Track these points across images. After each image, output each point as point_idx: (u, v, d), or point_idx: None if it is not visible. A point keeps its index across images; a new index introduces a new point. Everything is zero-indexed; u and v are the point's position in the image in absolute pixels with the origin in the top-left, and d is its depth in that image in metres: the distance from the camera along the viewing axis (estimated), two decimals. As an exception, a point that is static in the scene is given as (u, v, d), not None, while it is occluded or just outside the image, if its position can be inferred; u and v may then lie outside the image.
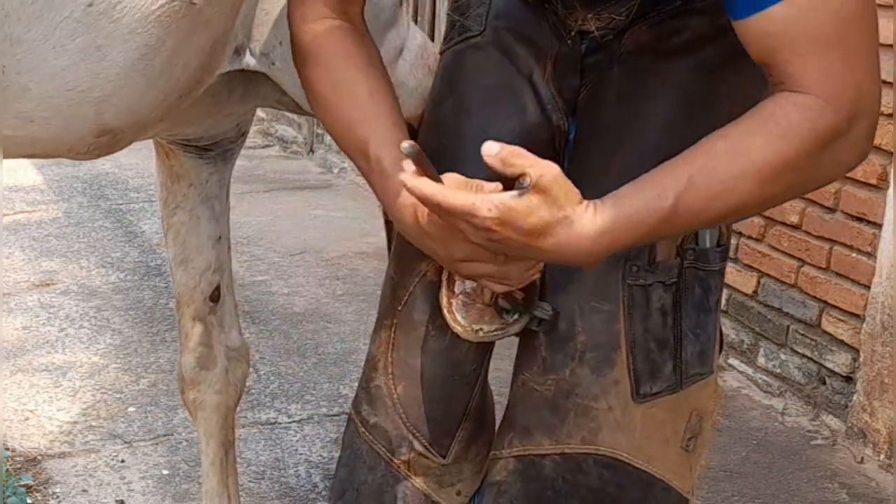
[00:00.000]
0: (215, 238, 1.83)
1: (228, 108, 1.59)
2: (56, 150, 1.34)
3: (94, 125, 1.27)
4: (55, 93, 1.21)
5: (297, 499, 2.53)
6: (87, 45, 1.19)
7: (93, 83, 1.22)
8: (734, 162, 1.10)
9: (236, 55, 1.43)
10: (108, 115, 1.27)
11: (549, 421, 1.32)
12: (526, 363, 1.36)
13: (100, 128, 1.28)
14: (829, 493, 2.65)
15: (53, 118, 1.24)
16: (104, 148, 1.35)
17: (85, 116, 1.25)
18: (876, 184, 2.74)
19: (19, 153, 1.32)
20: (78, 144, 1.31)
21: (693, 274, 1.34)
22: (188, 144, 1.76)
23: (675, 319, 1.33)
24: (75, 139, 1.29)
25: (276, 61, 1.45)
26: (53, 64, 1.18)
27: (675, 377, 1.33)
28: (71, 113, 1.24)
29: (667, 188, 1.11)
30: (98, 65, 1.21)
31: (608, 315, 1.31)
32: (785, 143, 1.09)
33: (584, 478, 1.31)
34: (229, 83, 1.49)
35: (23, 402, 2.95)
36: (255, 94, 1.55)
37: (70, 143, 1.31)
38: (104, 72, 1.21)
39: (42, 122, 1.24)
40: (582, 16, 1.33)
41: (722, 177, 1.10)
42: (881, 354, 2.72)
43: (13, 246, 4.19)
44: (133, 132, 1.35)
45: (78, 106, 1.23)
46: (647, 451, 1.32)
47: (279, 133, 6.20)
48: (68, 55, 1.19)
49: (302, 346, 3.41)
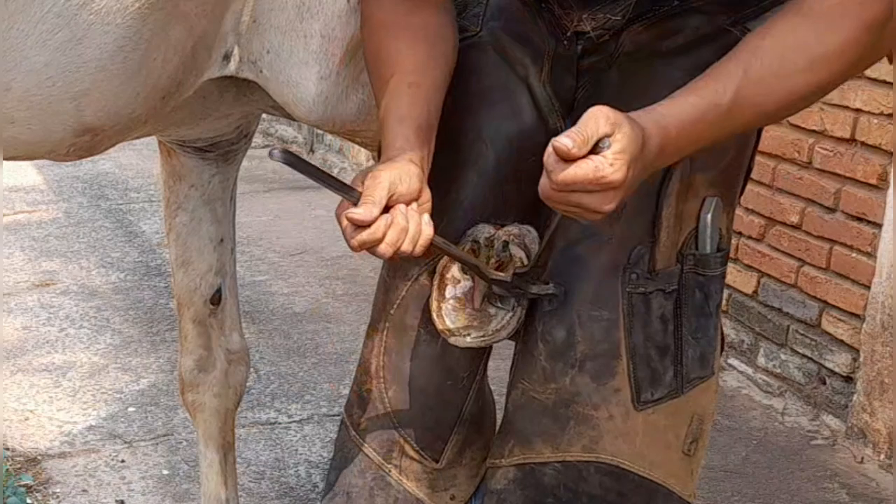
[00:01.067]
0: (217, 240, 1.82)
1: (220, 109, 1.57)
2: (36, 152, 1.33)
3: (74, 123, 1.26)
4: (36, 90, 1.20)
5: (297, 499, 2.53)
6: (67, 38, 1.18)
7: (73, 77, 1.21)
8: (785, 58, 1.15)
9: (225, 61, 1.41)
10: (87, 112, 1.26)
11: (549, 429, 1.32)
12: (525, 372, 1.36)
13: (80, 126, 1.27)
14: (829, 493, 2.65)
15: (35, 118, 1.23)
16: (84, 149, 1.34)
17: (65, 114, 1.25)
18: (876, 184, 2.74)
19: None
20: (58, 145, 1.30)
21: (694, 279, 1.34)
22: (185, 145, 1.75)
23: (676, 326, 1.33)
24: (56, 139, 1.29)
25: (263, 69, 1.44)
26: (35, 60, 1.18)
27: (676, 382, 1.33)
28: (51, 111, 1.23)
29: (725, 84, 1.15)
30: (78, 58, 1.20)
31: (608, 323, 1.31)
32: (834, 36, 1.14)
33: (585, 486, 1.31)
34: (220, 85, 1.48)
35: (23, 402, 2.95)
36: (249, 97, 1.54)
37: (51, 144, 1.30)
38: (84, 65, 1.21)
39: (23, 122, 1.23)
40: (578, 16, 1.32)
41: (775, 70, 1.15)
42: (881, 354, 2.72)
43: (13, 246, 4.19)
44: (114, 131, 1.34)
45: (58, 103, 1.22)
46: (648, 457, 1.32)
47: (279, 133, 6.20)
48: (49, 51, 1.18)
49: (302, 346, 3.41)
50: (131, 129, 1.39)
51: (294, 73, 1.43)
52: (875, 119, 2.72)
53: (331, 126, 1.53)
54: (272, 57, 1.40)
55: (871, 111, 2.73)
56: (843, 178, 2.83)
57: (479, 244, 1.34)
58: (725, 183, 1.36)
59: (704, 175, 1.33)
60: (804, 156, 2.95)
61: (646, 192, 1.29)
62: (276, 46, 1.39)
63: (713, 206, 1.33)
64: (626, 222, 1.31)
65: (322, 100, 1.44)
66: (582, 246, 1.32)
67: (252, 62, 1.43)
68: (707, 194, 1.33)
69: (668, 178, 1.30)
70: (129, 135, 1.44)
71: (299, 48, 1.41)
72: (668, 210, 1.30)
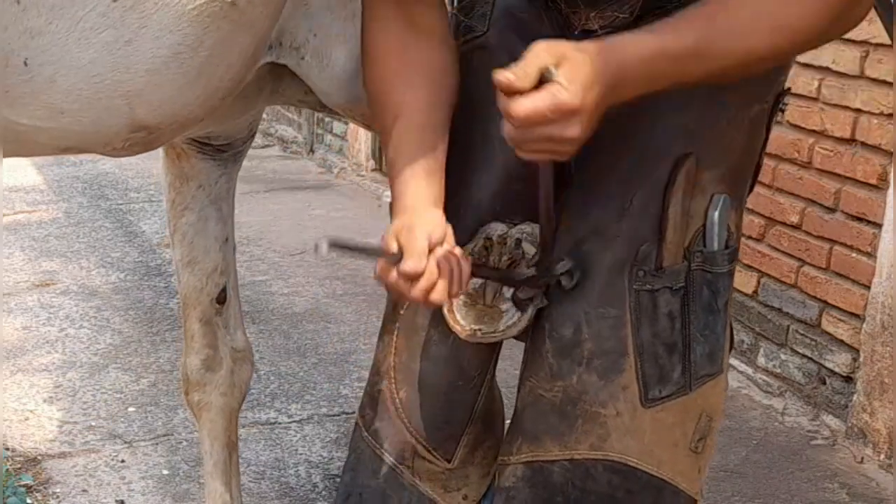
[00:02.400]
0: (223, 240, 1.83)
1: (256, 105, 1.59)
2: (92, 144, 1.35)
3: (127, 119, 1.28)
4: (84, 84, 1.22)
5: (297, 499, 2.53)
6: (113, 39, 1.20)
7: (122, 77, 1.23)
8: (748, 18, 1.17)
9: (269, 49, 1.43)
10: (140, 111, 1.27)
11: (557, 427, 1.32)
12: (533, 369, 1.36)
13: (134, 122, 1.29)
14: (829, 493, 2.65)
15: (85, 110, 1.24)
16: (141, 144, 1.36)
17: (117, 110, 1.26)
18: (876, 184, 2.74)
19: (55, 147, 1.33)
20: (114, 139, 1.32)
21: (701, 276, 1.34)
22: (206, 144, 1.75)
23: (684, 323, 1.33)
24: (110, 133, 1.30)
25: (306, 55, 1.45)
26: (79, 56, 1.19)
27: (684, 380, 1.33)
28: (102, 106, 1.25)
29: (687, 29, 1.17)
30: (127, 59, 1.21)
31: (615, 321, 1.31)
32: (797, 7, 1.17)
33: (593, 484, 1.31)
34: (258, 81, 1.49)
35: (23, 402, 2.95)
36: (283, 91, 1.56)
37: (105, 137, 1.32)
38: (133, 66, 1.22)
39: (73, 114, 1.24)
40: (585, 14, 1.32)
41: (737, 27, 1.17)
42: (881, 354, 2.72)
43: (13, 246, 4.19)
44: (171, 130, 1.36)
45: (108, 99, 1.24)
46: (656, 455, 1.32)
47: (279, 133, 6.20)
48: (94, 49, 1.19)
49: (302, 346, 3.41)
50: (188, 127, 1.41)
51: (335, 53, 1.45)
52: (875, 119, 2.73)
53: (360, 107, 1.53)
54: (318, 41, 1.41)
55: (871, 111, 2.73)
56: (843, 178, 2.83)
57: (492, 241, 1.35)
58: (733, 180, 1.36)
59: (711, 172, 1.33)
60: (804, 156, 2.95)
61: (652, 189, 1.30)
62: (325, 26, 1.40)
63: (721, 204, 1.33)
64: (633, 220, 1.31)
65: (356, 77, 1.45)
66: (589, 244, 1.33)
67: (295, 48, 1.44)
68: (715, 192, 1.33)
69: (675, 176, 1.30)
70: (187, 132, 1.47)
71: (349, 27, 1.43)
72: (674, 207, 1.30)
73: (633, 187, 1.32)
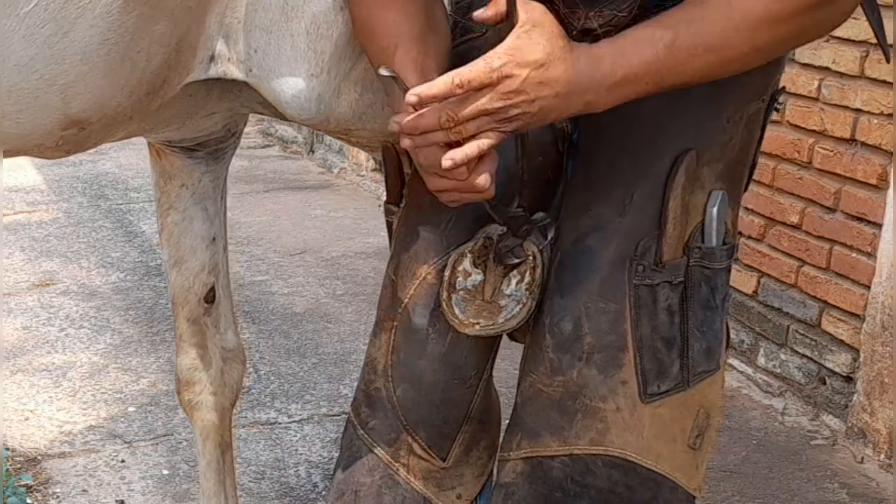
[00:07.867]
0: (209, 239, 1.82)
1: (206, 107, 1.57)
2: (25, 145, 1.33)
3: (60, 115, 1.27)
4: (24, 83, 1.21)
5: (297, 499, 2.53)
6: (53, 32, 1.19)
7: (59, 69, 1.22)
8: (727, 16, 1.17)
9: (211, 62, 1.41)
10: (73, 104, 1.26)
11: (557, 422, 1.32)
12: (533, 364, 1.36)
13: (67, 118, 1.27)
14: (829, 493, 2.65)
15: (23, 111, 1.23)
16: (72, 143, 1.34)
17: (52, 106, 1.25)
18: (876, 184, 2.74)
19: None
20: (46, 138, 1.30)
21: (699, 272, 1.34)
22: (172, 144, 1.74)
23: (682, 318, 1.33)
24: (44, 132, 1.29)
25: (253, 68, 1.43)
26: (22, 55, 1.18)
27: (683, 376, 1.33)
28: (39, 104, 1.23)
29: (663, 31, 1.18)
30: (64, 51, 1.21)
31: (615, 315, 1.31)
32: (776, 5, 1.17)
33: (592, 479, 1.31)
34: (205, 83, 1.47)
35: (23, 402, 2.95)
36: (237, 94, 1.54)
37: (39, 137, 1.30)
38: (68, 58, 1.21)
39: (12, 115, 1.23)
40: (584, 13, 1.32)
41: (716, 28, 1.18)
42: (881, 354, 2.72)
43: (13, 246, 4.19)
44: (101, 125, 1.34)
45: (45, 95, 1.23)
46: (655, 450, 1.32)
47: (279, 133, 6.20)
48: (36, 45, 1.18)
49: (302, 346, 3.41)
50: (117, 123, 1.39)
51: (284, 71, 1.42)
52: (875, 119, 2.73)
53: (325, 125, 1.52)
54: (260, 56, 1.40)
55: (871, 111, 2.73)
56: (843, 178, 2.83)
57: (493, 241, 1.36)
58: (731, 177, 1.37)
59: (711, 168, 1.34)
60: (804, 156, 2.95)
61: (653, 184, 1.31)
62: (262, 46, 1.39)
63: (719, 200, 1.34)
64: (634, 214, 1.32)
65: (314, 97, 1.44)
66: (590, 238, 1.33)
67: (241, 62, 1.42)
68: (713, 188, 1.34)
69: (675, 171, 1.31)
70: (116, 131, 1.44)
71: (286, 47, 1.41)
72: (674, 202, 1.31)
73: (633, 183, 1.32)
